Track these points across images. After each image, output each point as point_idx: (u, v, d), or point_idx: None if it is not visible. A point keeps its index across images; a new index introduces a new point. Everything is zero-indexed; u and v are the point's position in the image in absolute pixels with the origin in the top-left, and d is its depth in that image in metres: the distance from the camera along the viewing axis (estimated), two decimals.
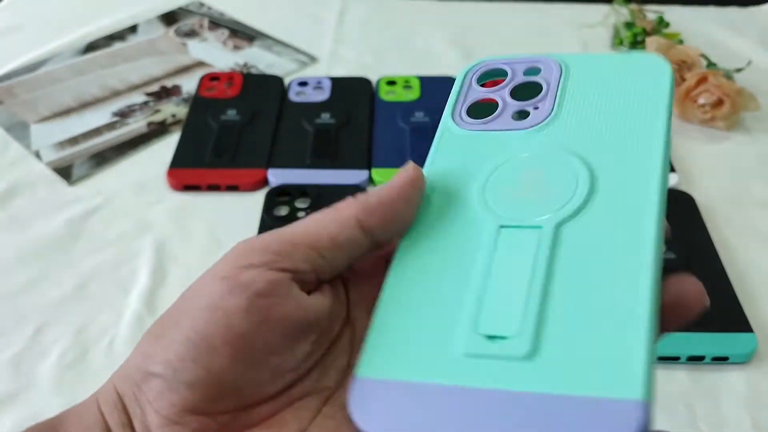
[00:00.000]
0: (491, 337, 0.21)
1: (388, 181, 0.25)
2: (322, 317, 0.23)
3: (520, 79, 0.28)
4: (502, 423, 0.19)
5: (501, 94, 0.27)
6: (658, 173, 0.23)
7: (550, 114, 0.26)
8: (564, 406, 0.19)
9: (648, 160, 0.23)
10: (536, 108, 0.26)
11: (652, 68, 0.26)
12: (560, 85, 0.27)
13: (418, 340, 0.21)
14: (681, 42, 0.78)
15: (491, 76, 0.29)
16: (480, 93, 0.28)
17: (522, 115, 0.27)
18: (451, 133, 0.27)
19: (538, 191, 0.24)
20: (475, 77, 0.28)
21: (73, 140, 0.67)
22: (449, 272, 0.23)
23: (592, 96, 0.26)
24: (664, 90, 0.25)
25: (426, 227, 0.24)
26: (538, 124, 0.26)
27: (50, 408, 0.43)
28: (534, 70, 0.28)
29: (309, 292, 0.23)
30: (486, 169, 0.25)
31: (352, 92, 0.73)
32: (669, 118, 0.24)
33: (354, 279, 0.26)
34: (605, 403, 0.18)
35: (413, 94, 0.72)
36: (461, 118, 0.27)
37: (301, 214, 0.57)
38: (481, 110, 0.27)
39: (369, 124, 0.68)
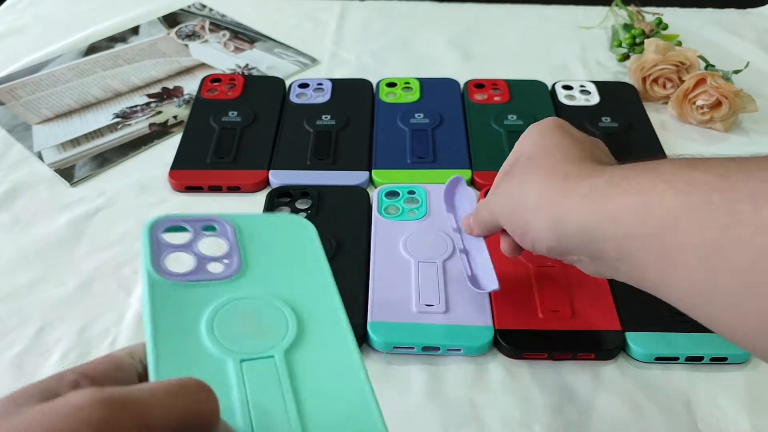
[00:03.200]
0: None
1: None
2: None
3: (202, 235, 0.31)
4: None
5: (192, 249, 0.31)
6: (338, 303, 0.30)
7: (240, 266, 0.30)
8: None
9: (329, 295, 0.30)
10: (226, 262, 0.30)
11: (299, 226, 0.33)
12: (239, 242, 0.31)
13: None
14: (679, 43, 0.78)
15: (174, 231, 0.31)
16: (172, 247, 0.31)
17: (215, 267, 0.31)
18: (160, 284, 0.29)
19: (258, 327, 0.28)
20: (159, 232, 0.31)
21: (75, 141, 0.67)
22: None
23: (267, 250, 0.32)
24: (316, 242, 0.32)
25: (175, 370, 0.26)
26: (233, 275, 0.30)
27: None
28: (211, 227, 0.32)
29: None
30: (206, 313, 0.28)
31: (352, 94, 0.73)
32: (327, 262, 0.32)
33: None
34: None
35: (413, 96, 0.72)
36: (164, 270, 0.29)
37: (301, 214, 0.58)
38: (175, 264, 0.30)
39: (369, 126, 0.69)
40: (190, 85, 0.75)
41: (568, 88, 0.74)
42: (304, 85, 0.74)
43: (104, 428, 0.20)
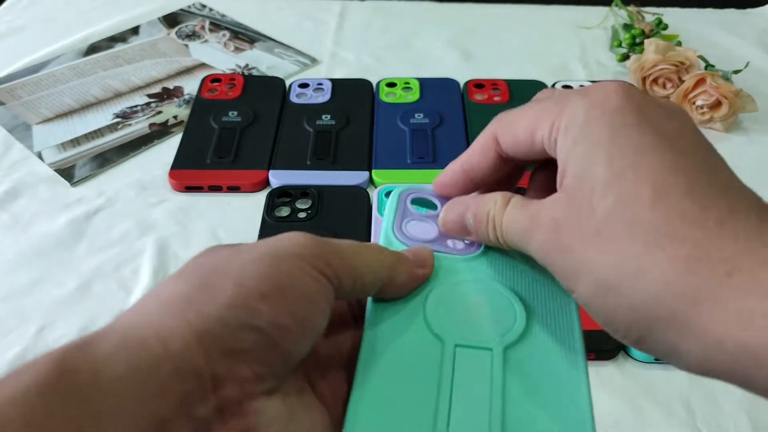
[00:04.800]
0: None
1: (413, 264, 0.28)
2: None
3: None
4: None
5: (436, 221, 0.31)
6: (574, 309, 0.28)
7: (480, 247, 0.30)
8: None
9: (565, 298, 0.28)
10: (468, 240, 0.30)
11: None
12: None
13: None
14: (679, 44, 0.78)
15: (422, 205, 0.32)
16: (418, 216, 0.31)
17: (456, 243, 0.30)
18: (394, 246, 0.29)
19: (484, 315, 0.27)
20: (409, 200, 0.31)
21: (75, 141, 0.67)
22: (416, 390, 0.25)
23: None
24: None
25: (385, 341, 0.26)
26: (472, 253, 0.29)
27: None
28: None
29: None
30: (434, 287, 0.28)
31: (352, 94, 0.73)
32: None
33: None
34: None
35: (413, 96, 0.72)
36: (404, 234, 0.30)
37: (301, 215, 0.58)
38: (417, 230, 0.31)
39: (369, 126, 0.69)
40: (190, 85, 0.75)
41: (568, 88, 0.74)
42: (304, 85, 0.74)
43: (307, 255, 0.24)
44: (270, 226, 0.57)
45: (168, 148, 0.66)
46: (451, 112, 0.70)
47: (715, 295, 0.21)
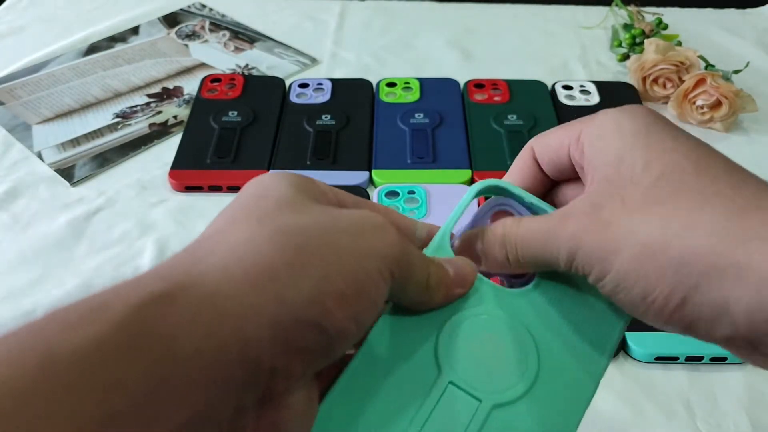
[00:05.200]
0: None
1: (461, 261, 0.27)
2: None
3: None
4: None
5: None
6: (591, 391, 0.26)
7: (528, 284, 0.27)
8: None
9: (597, 364, 0.26)
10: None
11: None
12: None
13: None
14: (679, 44, 0.78)
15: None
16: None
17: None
18: (444, 251, 0.28)
19: (491, 363, 0.25)
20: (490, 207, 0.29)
21: (75, 141, 0.67)
22: (395, 407, 0.25)
23: (563, 284, 0.27)
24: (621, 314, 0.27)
25: (387, 352, 0.25)
26: (518, 288, 0.27)
27: None
28: None
29: None
30: (458, 311, 0.26)
31: (352, 94, 0.73)
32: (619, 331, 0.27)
33: None
34: None
35: (413, 96, 0.72)
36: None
37: None
38: None
39: (369, 126, 0.69)
40: (190, 85, 0.75)
41: (568, 88, 0.74)
42: (304, 85, 0.74)
43: (389, 255, 0.23)
44: None
45: (168, 148, 0.66)
46: (451, 112, 0.70)
47: None
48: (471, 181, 0.62)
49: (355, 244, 0.23)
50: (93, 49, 0.82)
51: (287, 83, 0.75)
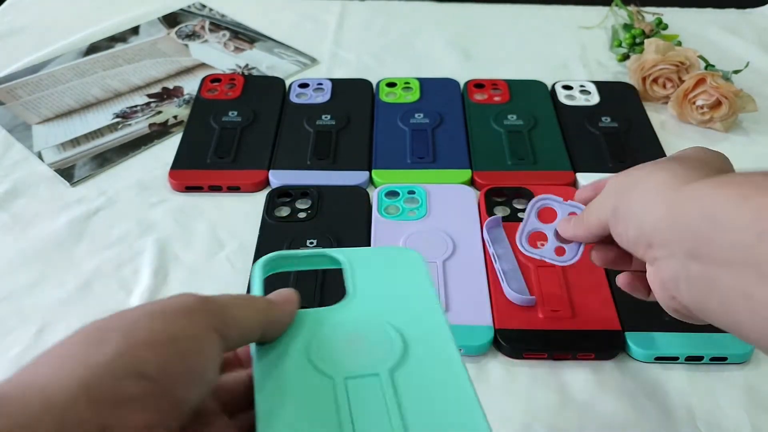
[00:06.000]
0: None
1: (282, 305, 0.30)
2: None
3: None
4: None
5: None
6: (444, 323, 0.31)
7: (346, 294, 0.32)
8: None
9: (435, 317, 0.31)
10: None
11: (407, 256, 0.35)
12: (349, 274, 0.33)
13: None
14: (679, 43, 0.78)
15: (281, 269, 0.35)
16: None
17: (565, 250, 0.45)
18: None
19: (364, 348, 0.29)
20: (266, 271, 0.34)
21: (75, 141, 0.67)
22: (319, 425, 0.26)
23: (375, 279, 0.33)
24: (423, 270, 0.34)
25: (278, 391, 0.28)
26: (339, 301, 0.32)
27: None
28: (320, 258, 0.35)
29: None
30: (313, 336, 0.30)
31: (352, 94, 0.73)
32: (433, 287, 0.33)
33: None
34: None
35: (413, 96, 0.72)
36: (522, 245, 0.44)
37: (301, 215, 0.58)
38: None
39: (369, 126, 0.69)
40: (190, 85, 0.75)
41: (568, 88, 0.74)
42: (304, 85, 0.74)
43: (196, 309, 0.25)
44: (270, 226, 0.57)
45: (168, 148, 0.66)
46: (451, 112, 0.70)
47: (698, 181, 0.32)
48: (471, 181, 0.62)
49: (155, 309, 0.25)
50: (93, 49, 0.82)
51: (287, 83, 0.75)
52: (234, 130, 0.67)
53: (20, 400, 0.20)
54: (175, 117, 0.71)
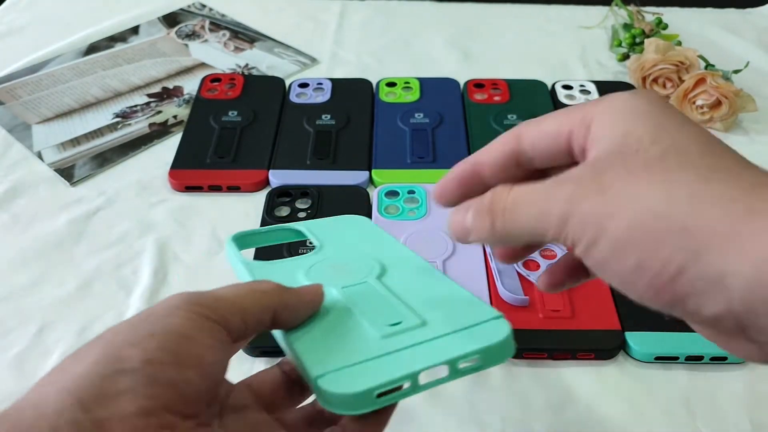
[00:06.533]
0: (392, 324, 0.30)
1: (302, 291, 0.31)
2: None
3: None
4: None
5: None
6: (413, 253, 0.37)
7: (315, 247, 0.38)
8: (462, 335, 0.29)
9: (396, 246, 0.38)
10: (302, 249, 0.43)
11: (357, 219, 0.41)
12: (314, 236, 0.39)
13: (346, 347, 0.29)
14: (679, 43, 0.78)
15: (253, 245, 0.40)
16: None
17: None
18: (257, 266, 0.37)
19: (349, 271, 0.35)
20: (239, 248, 0.38)
21: (75, 141, 0.67)
22: (338, 320, 0.31)
23: (335, 235, 0.39)
24: (373, 226, 0.41)
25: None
26: (312, 251, 0.38)
27: None
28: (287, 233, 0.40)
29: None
30: (302, 271, 0.35)
31: (352, 93, 0.73)
32: (387, 233, 0.39)
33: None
34: (485, 324, 0.30)
35: (413, 96, 0.72)
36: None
37: (301, 214, 0.58)
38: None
39: (369, 125, 0.69)
40: (190, 85, 0.75)
41: (568, 87, 0.74)
42: (304, 85, 0.74)
43: (180, 305, 0.26)
44: (270, 225, 0.56)
45: (168, 148, 0.66)
46: (451, 111, 0.70)
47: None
48: None
49: (141, 312, 0.26)
50: (93, 48, 0.82)
51: (287, 83, 0.75)
52: (234, 129, 0.67)
53: (15, 415, 0.22)
54: (175, 117, 0.71)
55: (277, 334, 0.31)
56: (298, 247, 0.53)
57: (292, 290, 0.30)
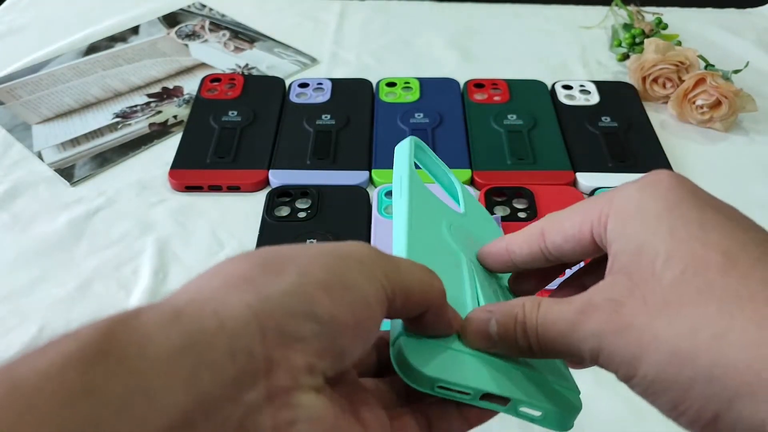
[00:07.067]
0: None
1: (451, 313, 0.27)
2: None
3: None
4: None
5: None
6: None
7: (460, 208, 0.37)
8: (542, 384, 0.28)
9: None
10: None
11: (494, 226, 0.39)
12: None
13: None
14: (679, 43, 0.78)
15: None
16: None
17: None
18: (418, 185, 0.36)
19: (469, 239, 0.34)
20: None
21: (75, 141, 0.67)
22: (455, 288, 0.29)
23: (480, 216, 0.38)
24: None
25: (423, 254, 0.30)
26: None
27: None
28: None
29: None
30: (445, 220, 0.34)
31: (352, 93, 0.73)
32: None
33: None
34: (565, 389, 0.29)
35: (413, 96, 0.72)
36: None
37: (301, 214, 0.58)
38: None
39: (369, 125, 0.69)
40: (190, 85, 0.75)
41: (567, 87, 0.74)
42: (304, 85, 0.74)
43: (370, 262, 0.24)
44: (270, 225, 0.57)
45: (168, 148, 0.66)
46: (451, 111, 0.70)
47: None
48: (471, 181, 0.62)
49: (333, 251, 0.24)
50: (93, 48, 0.82)
51: (287, 83, 0.75)
52: (234, 129, 0.67)
53: (196, 320, 0.19)
54: (175, 117, 0.71)
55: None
56: None
57: (448, 306, 0.27)
